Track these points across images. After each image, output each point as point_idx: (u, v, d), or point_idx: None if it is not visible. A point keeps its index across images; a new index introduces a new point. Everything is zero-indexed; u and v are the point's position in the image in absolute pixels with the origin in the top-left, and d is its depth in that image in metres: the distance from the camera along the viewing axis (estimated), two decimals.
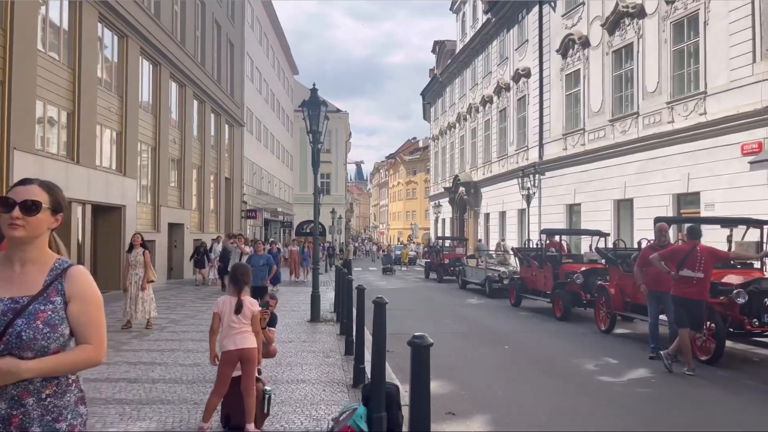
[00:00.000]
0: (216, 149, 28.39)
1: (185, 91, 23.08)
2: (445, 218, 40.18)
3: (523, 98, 26.79)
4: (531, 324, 12.04)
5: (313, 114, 10.13)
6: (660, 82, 17.36)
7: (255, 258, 10.19)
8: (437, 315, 13.33)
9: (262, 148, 40.84)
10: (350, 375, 6.49)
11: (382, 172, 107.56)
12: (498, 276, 17.11)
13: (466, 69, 35.91)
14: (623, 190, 18.98)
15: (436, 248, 26.43)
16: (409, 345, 2.89)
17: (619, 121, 19.35)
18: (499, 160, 29.93)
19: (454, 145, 39.12)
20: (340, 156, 62.84)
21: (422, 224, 69.78)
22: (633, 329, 11.08)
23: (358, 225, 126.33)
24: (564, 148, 22.93)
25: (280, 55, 48.71)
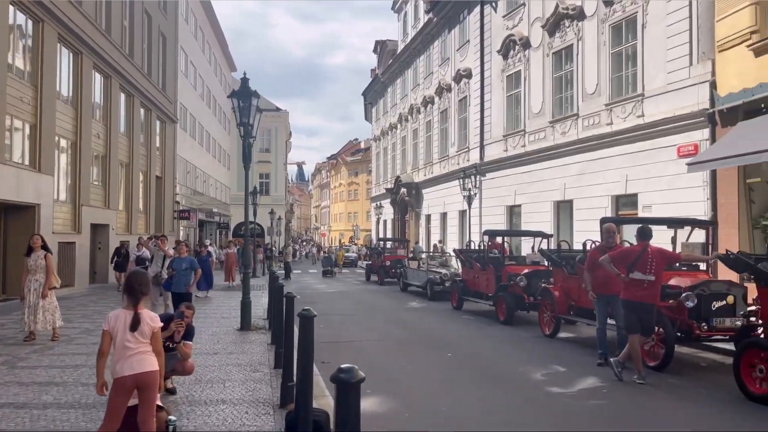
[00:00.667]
0: (146, 146, 26.87)
1: (111, 83, 21.63)
2: (387, 219, 39.76)
3: (465, 99, 26.64)
4: (474, 328, 11.63)
5: (244, 105, 9.35)
6: (599, 83, 17.41)
7: (177, 261, 9.29)
8: (377, 320, 12.75)
9: (196, 146, 39.26)
10: (279, 393, 5.79)
11: (324, 173, 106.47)
12: (440, 278, 16.71)
13: (407, 69, 35.60)
14: (563, 191, 18.97)
15: (378, 250, 25.89)
16: (334, 382, 2.25)
17: (559, 122, 19.35)
18: (440, 161, 29.71)
19: (395, 146, 38.76)
20: (279, 156, 61.52)
21: (364, 226, 69.26)
22: (577, 333, 10.82)
23: (299, 226, 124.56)
24: (505, 149, 22.85)
25: (216, 51, 47.10)
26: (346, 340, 9.97)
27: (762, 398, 5.80)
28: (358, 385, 2.21)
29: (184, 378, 6.05)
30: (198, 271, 9.36)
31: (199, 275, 9.41)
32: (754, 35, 12.29)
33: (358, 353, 8.75)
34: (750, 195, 12.92)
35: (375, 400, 6.13)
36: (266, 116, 59.47)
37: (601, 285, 7.74)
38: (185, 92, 34.79)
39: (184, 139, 35.06)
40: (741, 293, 7.50)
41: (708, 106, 13.48)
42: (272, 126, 60.31)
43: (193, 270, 9.29)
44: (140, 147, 25.76)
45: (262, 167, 59.67)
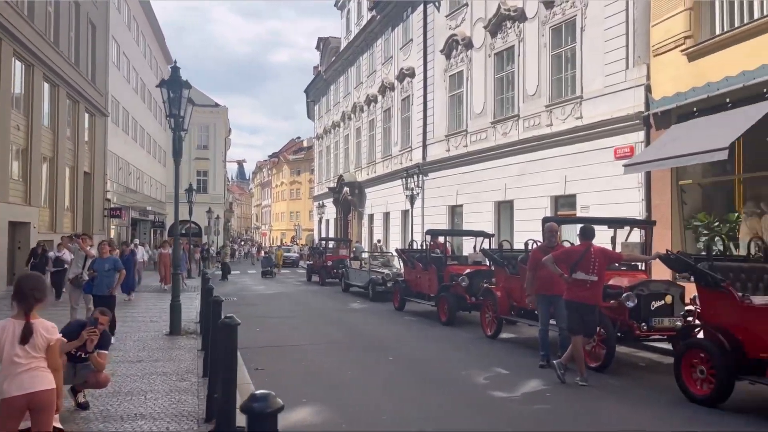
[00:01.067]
0: (73, 140, 25.43)
1: (32, 71, 20.27)
2: (329, 219, 39.27)
3: (408, 98, 26.52)
4: (416, 330, 11.40)
5: (174, 96, 8.77)
6: (540, 85, 17.58)
7: (99, 262, 8.59)
8: (317, 322, 12.34)
9: (130, 141, 37.62)
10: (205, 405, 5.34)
11: (265, 171, 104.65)
12: (381, 278, 16.43)
13: (350, 67, 35.23)
14: (504, 191, 19.08)
15: (319, 250, 25.40)
16: (245, 412, 1.86)
17: (500, 123, 19.45)
18: (383, 161, 29.51)
19: (338, 145, 38.31)
20: (218, 153, 59.85)
21: (306, 225, 68.41)
22: (519, 333, 10.76)
23: (239, 226, 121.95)
24: (447, 149, 22.84)
25: (152, 43, 45.30)
26: (284, 344, 9.53)
27: (703, 400, 5.79)
28: (275, 416, 1.83)
29: (100, 391, 5.51)
30: (122, 273, 8.68)
31: (122, 277, 8.73)
32: (688, 40, 12.59)
33: (296, 358, 8.35)
34: (682, 196, 13.27)
35: (311, 410, 5.76)
36: (205, 112, 58.05)
37: (543, 285, 7.63)
38: (117, 85, 33.22)
39: (116, 134, 33.49)
40: (679, 293, 7.55)
41: (643, 109, 13.75)
42: (211, 122, 58.61)
43: (116, 271, 8.61)
44: (66, 141, 24.33)
45: (200, 164, 57.92)
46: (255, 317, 12.98)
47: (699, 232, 12.61)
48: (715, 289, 5.84)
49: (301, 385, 6.65)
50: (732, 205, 12.18)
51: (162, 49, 49.99)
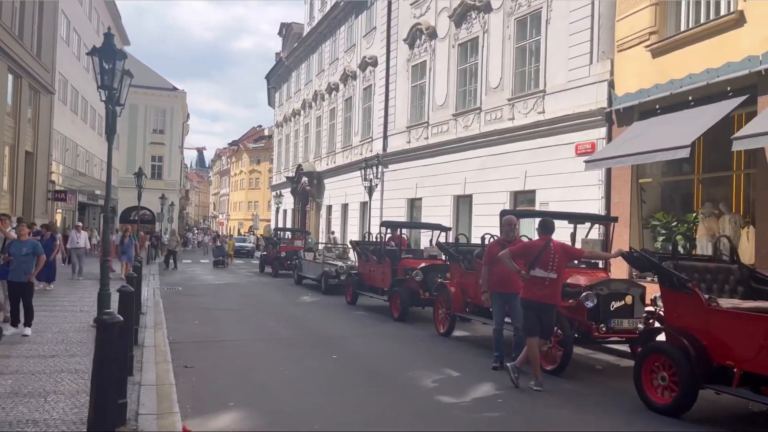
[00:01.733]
0: (13, 117, 23.94)
1: None
2: (287, 209, 38.40)
3: (370, 87, 25.91)
4: (366, 326, 10.86)
5: (108, 67, 7.96)
6: (503, 78, 17.22)
7: (16, 245, 7.72)
8: (263, 316, 11.66)
9: (78, 121, 35.94)
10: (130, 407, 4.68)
11: (224, 159, 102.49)
12: (335, 271, 15.82)
13: (312, 54, 34.38)
14: (463, 186, 18.71)
15: (273, 240, 24.58)
16: None
17: (462, 115, 19.06)
18: (343, 151, 28.85)
19: (298, 133, 37.44)
20: (175, 138, 58.02)
21: (264, 215, 67.13)
22: (473, 331, 10.33)
23: (196, 214, 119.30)
24: (408, 141, 22.36)
25: (107, 20, 43.38)
26: (222, 340, 8.86)
27: (665, 409, 5.39)
28: None
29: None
30: (41, 258, 7.84)
31: (42, 262, 7.88)
32: (653, 36, 12.38)
33: (232, 355, 7.70)
34: (642, 195, 13.10)
35: (235, 416, 5.14)
36: (162, 95, 56.24)
37: (499, 282, 7.17)
38: (66, 62, 31.59)
39: (64, 113, 31.90)
40: (639, 293, 7.19)
41: (606, 105, 13.53)
42: (167, 106, 56.77)
43: (35, 256, 7.77)
44: (6, 117, 22.86)
45: (155, 149, 56.08)
46: (197, 309, 12.24)
47: (657, 232, 12.44)
48: (680, 290, 5.46)
49: (230, 386, 6.03)
50: (690, 205, 12.05)
51: (117, 29, 47.98)
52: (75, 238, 16.61)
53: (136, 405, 4.83)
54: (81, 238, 16.65)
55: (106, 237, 8.76)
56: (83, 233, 16.84)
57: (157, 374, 5.85)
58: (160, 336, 8.15)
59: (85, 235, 17.65)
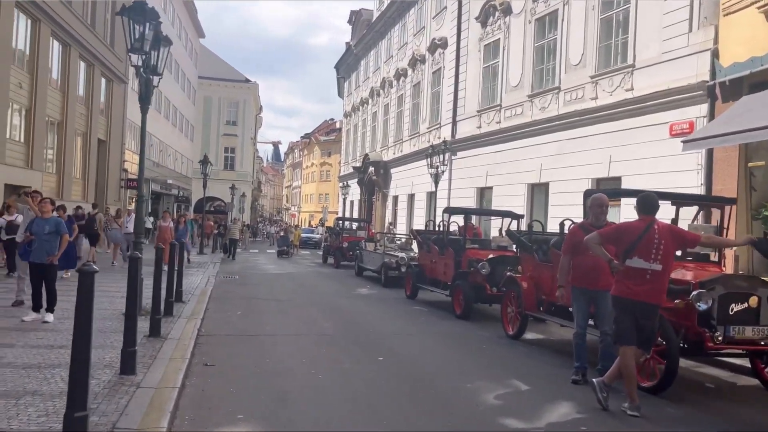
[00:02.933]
0: (86, 105, 24.30)
1: (39, 27, 19.04)
2: (354, 200, 37.70)
3: (439, 71, 24.60)
4: (423, 323, 9.67)
5: (139, 30, 7.18)
6: (585, 53, 15.53)
7: (39, 223, 7.08)
8: (312, 308, 10.69)
9: (153, 112, 36.46)
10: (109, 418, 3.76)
11: (297, 152, 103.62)
12: (395, 262, 14.72)
13: (381, 40, 33.37)
14: (539, 173, 17.15)
15: (336, 230, 23.78)
16: None
17: (538, 96, 17.49)
18: (410, 139, 27.69)
19: (366, 122, 36.59)
20: (247, 130, 58.75)
21: (334, 207, 67.03)
22: (548, 334, 8.94)
23: (271, 206, 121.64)
24: (478, 126, 20.93)
25: (182, 13, 44.14)
26: (258, 333, 7.93)
27: None
28: None
29: None
30: (64, 237, 7.16)
31: (65, 242, 7.19)
32: None
33: (261, 353, 6.72)
34: (751, 181, 11.21)
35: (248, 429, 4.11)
36: (234, 87, 56.96)
37: (583, 275, 5.77)
38: None
39: (137, 103, 32.38)
40: (767, 295, 5.59)
41: (708, 78, 11.74)
42: (240, 98, 57.51)
43: (58, 235, 7.11)
44: (78, 105, 23.21)
45: (228, 140, 56.95)
46: (244, 299, 11.45)
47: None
48: None
49: (248, 392, 5.03)
50: None
51: (193, 22, 48.88)
52: (126, 222, 15.86)
53: (119, 414, 3.89)
54: (130, 223, 15.98)
55: (140, 218, 8.04)
56: (132, 216, 16.10)
57: (164, 374, 4.95)
58: (191, 328, 7.31)
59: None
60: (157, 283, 6.90)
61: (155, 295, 6.81)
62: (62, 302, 7.44)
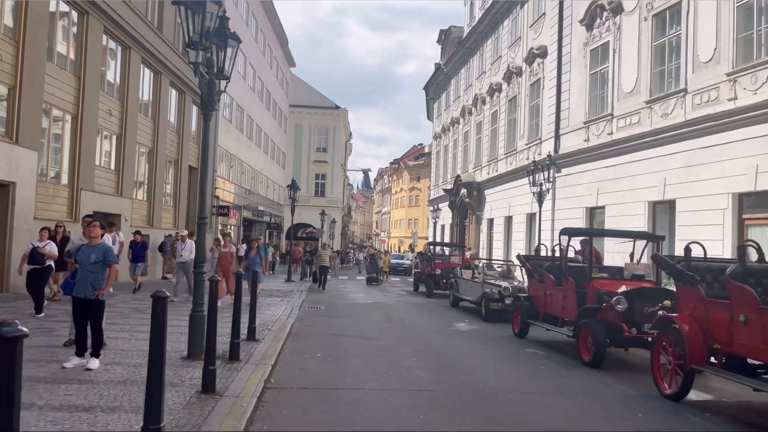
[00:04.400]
0: (177, 132, 24.36)
1: (129, 54, 19.07)
2: (445, 224, 35.96)
3: (537, 82, 22.63)
4: (545, 374, 7.74)
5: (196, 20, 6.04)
6: (718, 48, 13.21)
7: (84, 251, 5.94)
8: (403, 349, 9.03)
9: (244, 139, 36.81)
10: None
11: (386, 177, 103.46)
12: (498, 293, 12.85)
13: (472, 56, 31.81)
14: (662, 189, 14.80)
15: (427, 256, 22.12)
16: None
17: (659, 101, 15.21)
18: (506, 157, 25.73)
19: (457, 143, 34.96)
20: (337, 156, 58.73)
21: (424, 233, 65.52)
22: (718, 393, 6.76)
23: (361, 233, 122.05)
24: (585, 138, 18.75)
25: (273, 42, 44.80)
26: (335, 387, 6.33)
27: None
28: None
29: None
30: (112, 268, 5.98)
31: (114, 274, 5.99)
32: None
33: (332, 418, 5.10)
34: None
35: None
36: (324, 114, 57.23)
37: None
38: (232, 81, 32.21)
39: (229, 130, 32.62)
40: None
41: None
42: (330, 125, 57.71)
43: (106, 266, 5.96)
44: (169, 132, 23.23)
45: (318, 167, 57.10)
46: (327, 335, 10.02)
47: None
48: None
49: None
50: None
51: (284, 51, 49.61)
52: (179, 249, 13.32)
53: None
54: (186, 251, 12.90)
55: (201, 244, 6.83)
56: (189, 243, 12.85)
57: None
58: (257, 378, 5.90)
59: (190, 245, 12.89)
60: (211, 324, 5.54)
61: (210, 340, 5.43)
62: (118, 340, 6.29)
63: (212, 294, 5.57)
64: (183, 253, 13.00)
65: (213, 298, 5.40)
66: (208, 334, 5.46)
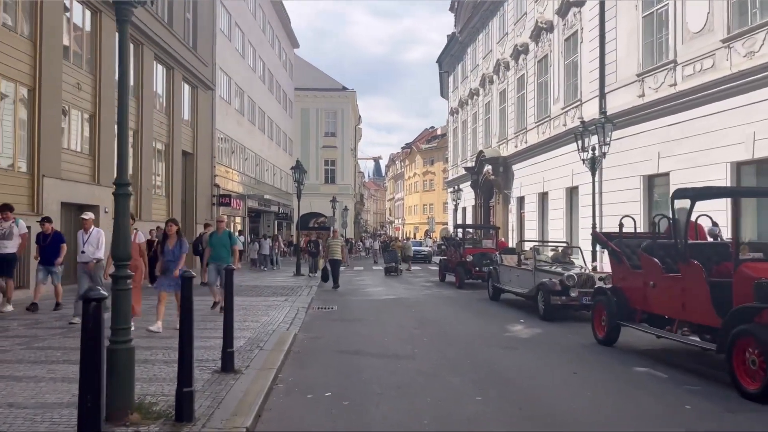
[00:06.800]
0: (166, 113, 21.64)
1: (99, 17, 16.29)
2: (467, 206, 33.04)
3: (574, 35, 19.59)
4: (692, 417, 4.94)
5: None
6: None
7: None
8: (455, 382, 6.00)
9: (246, 123, 34.03)
10: None
11: (398, 163, 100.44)
12: (559, 282, 9.98)
13: (492, 19, 28.72)
14: (750, 145, 11.87)
15: (455, 241, 19.22)
16: None
17: (740, 38, 12.26)
18: (537, 126, 22.74)
19: (477, 117, 31.94)
20: (346, 141, 55.76)
21: (440, 218, 62.65)
22: None
23: (374, 221, 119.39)
24: (639, 94, 15.78)
25: (273, 20, 41.84)
26: None
27: None
28: None
29: None
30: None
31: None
32: None
33: None
34: None
35: None
36: (332, 96, 54.17)
37: None
38: (228, 57, 29.49)
39: (228, 113, 29.85)
40: None
41: None
42: (338, 107, 54.73)
43: None
44: (156, 113, 20.50)
45: (327, 153, 54.26)
46: (340, 353, 7.24)
47: None
48: None
49: None
50: None
51: (286, 30, 46.61)
52: (81, 242, 8.91)
53: None
54: (90, 244, 8.82)
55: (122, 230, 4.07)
56: (95, 233, 8.90)
57: None
58: None
59: (96, 235, 8.95)
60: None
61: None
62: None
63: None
64: (85, 247, 8.82)
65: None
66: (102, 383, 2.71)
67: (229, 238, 9.93)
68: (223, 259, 9.68)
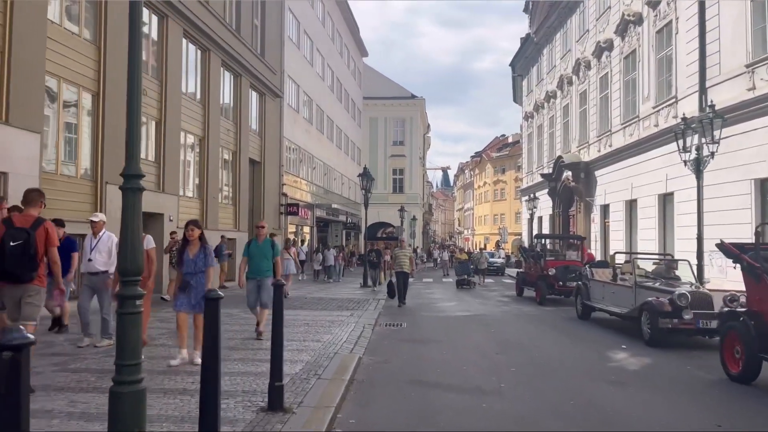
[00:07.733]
0: (234, 120, 21.34)
1: (166, 23, 16.05)
2: (543, 215, 31.19)
3: (668, 26, 17.75)
4: None
5: None
6: None
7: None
8: (554, 421, 4.85)
9: (314, 132, 33.65)
10: None
11: (467, 172, 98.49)
12: (670, 302, 8.45)
13: (570, 16, 27.00)
14: None
15: (535, 252, 17.67)
16: None
17: None
18: (623, 128, 20.88)
19: (554, 121, 30.14)
20: (415, 150, 54.78)
21: (512, 228, 60.45)
22: None
23: (443, 232, 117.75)
24: (750, 87, 13.86)
25: (342, 29, 41.54)
26: None
27: None
28: None
29: None
30: None
31: None
32: None
33: None
34: None
35: None
36: (400, 105, 53.41)
37: None
38: (296, 65, 29.15)
39: (296, 121, 29.50)
40: None
41: None
42: (406, 115, 53.89)
43: None
44: (223, 120, 20.19)
45: (396, 162, 53.47)
46: (413, 386, 6.10)
47: None
48: None
49: None
50: None
51: (355, 39, 46.29)
52: (88, 248, 7.73)
53: None
54: (100, 251, 7.61)
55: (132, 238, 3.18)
56: (105, 237, 7.73)
57: None
58: None
59: (107, 240, 7.79)
60: None
61: None
62: None
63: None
64: (93, 254, 7.46)
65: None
66: None
67: (271, 247, 8.70)
68: (264, 273, 8.45)
